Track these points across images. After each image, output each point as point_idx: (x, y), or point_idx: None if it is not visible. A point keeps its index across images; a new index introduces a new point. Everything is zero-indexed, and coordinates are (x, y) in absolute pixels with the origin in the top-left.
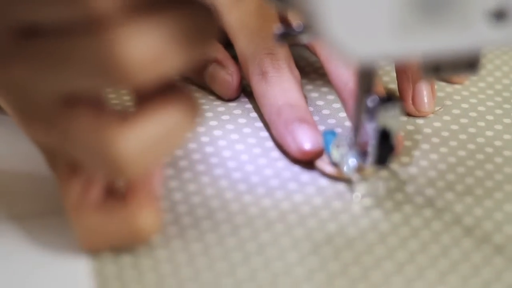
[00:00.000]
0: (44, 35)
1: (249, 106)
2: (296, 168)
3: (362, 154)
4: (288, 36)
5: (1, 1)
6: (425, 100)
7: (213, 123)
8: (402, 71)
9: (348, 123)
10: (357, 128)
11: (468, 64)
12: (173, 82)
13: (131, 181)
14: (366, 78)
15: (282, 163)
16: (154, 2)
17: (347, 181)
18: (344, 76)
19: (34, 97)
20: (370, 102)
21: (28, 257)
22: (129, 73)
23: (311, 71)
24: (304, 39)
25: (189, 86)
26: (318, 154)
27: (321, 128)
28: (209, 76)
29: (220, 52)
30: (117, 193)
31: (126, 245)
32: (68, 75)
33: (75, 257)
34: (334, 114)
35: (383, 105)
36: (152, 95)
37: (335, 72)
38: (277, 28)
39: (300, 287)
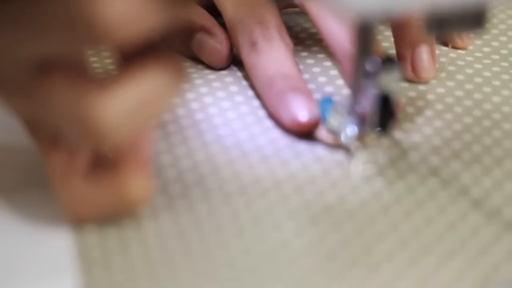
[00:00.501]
0: None
1: (240, 74)
2: (292, 137)
3: (361, 121)
4: None
5: None
6: (425, 65)
7: (203, 90)
8: (400, 35)
9: (346, 91)
10: (355, 93)
11: (474, 19)
12: (156, 44)
13: (118, 148)
14: (363, 37)
15: (277, 131)
16: None
17: (347, 149)
18: (339, 35)
19: (6, 65)
20: (368, 64)
21: (8, 230)
22: (106, 31)
23: (306, 37)
24: None
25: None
26: (315, 124)
27: (318, 96)
28: (196, 45)
29: (207, 19)
30: (104, 160)
31: (113, 216)
32: (41, 37)
33: (57, 229)
34: (331, 81)
35: (382, 67)
36: (133, 58)
37: (329, 31)
38: None
39: (297, 261)
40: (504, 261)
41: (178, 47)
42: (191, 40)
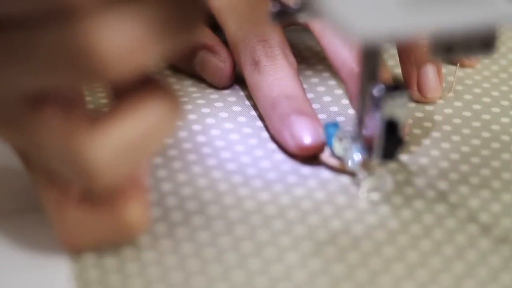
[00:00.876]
0: (7, 27)
1: (243, 93)
2: (296, 160)
3: (368, 147)
4: (284, 14)
5: None
6: (431, 85)
7: (205, 110)
8: (405, 55)
9: (351, 111)
10: (361, 119)
11: (483, 43)
12: (150, 76)
13: (111, 187)
14: (370, 60)
15: (281, 155)
16: None
17: (352, 174)
18: (344, 54)
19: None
20: (375, 91)
21: (5, 258)
22: (103, 66)
23: (310, 55)
24: (302, 17)
25: (177, 73)
26: (319, 148)
27: (323, 116)
28: (199, 63)
29: (209, 37)
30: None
31: (111, 243)
32: (37, 71)
33: (55, 259)
34: (337, 100)
35: (389, 94)
36: (127, 92)
37: (334, 50)
38: (272, 6)
39: None
40: None
41: (180, 65)
42: (194, 58)
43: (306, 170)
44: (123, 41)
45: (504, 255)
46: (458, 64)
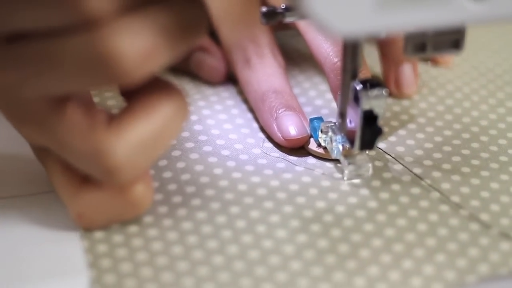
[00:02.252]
0: (32, 37)
1: (235, 89)
2: (285, 148)
3: (349, 137)
4: (273, 15)
5: None
6: (408, 81)
7: (201, 103)
8: (385, 54)
9: (334, 105)
10: (343, 111)
11: (452, 42)
12: (158, 77)
13: (130, 180)
14: (351, 56)
15: (270, 143)
16: (145, 1)
17: (335, 161)
18: (326, 48)
19: (23, 100)
20: (356, 85)
21: (25, 235)
22: (123, 71)
23: (297, 57)
24: (288, 18)
25: (174, 71)
26: (304, 140)
27: (308, 109)
28: (195, 63)
29: (204, 39)
30: None
31: (119, 221)
32: (58, 78)
33: (68, 235)
34: (321, 95)
35: (368, 88)
36: (139, 93)
37: (318, 46)
38: (262, 7)
39: (289, 264)
40: (480, 260)
41: (177, 64)
42: (190, 58)
43: (293, 157)
44: (141, 46)
45: (472, 231)
46: (429, 62)
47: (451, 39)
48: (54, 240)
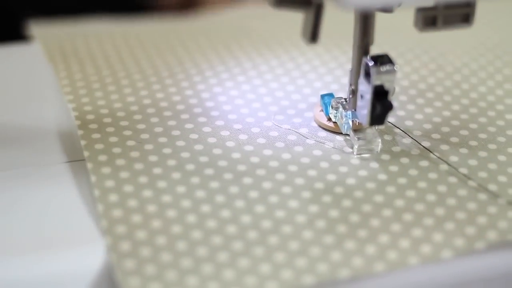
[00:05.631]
0: None
1: (246, 65)
2: (296, 121)
3: (360, 114)
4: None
5: None
6: None
7: (212, 81)
8: None
9: (343, 81)
10: (354, 88)
11: (462, 16)
12: None
13: None
14: (363, 29)
15: (281, 116)
16: None
17: (346, 135)
18: None
19: None
20: (367, 61)
21: (46, 201)
22: None
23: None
24: None
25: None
26: None
27: (318, 84)
28: None
29: None
30: None
31: None
32: None
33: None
34: (330, 72)
35: (380, 64)
36: None
37: None
38: None
39: (301, 233)
40: (488, 228)
41: None
42: None
43: (304, 130)
44: None
45: (481, 201)
46: None
47: (462, 13)
48: (72, 207)
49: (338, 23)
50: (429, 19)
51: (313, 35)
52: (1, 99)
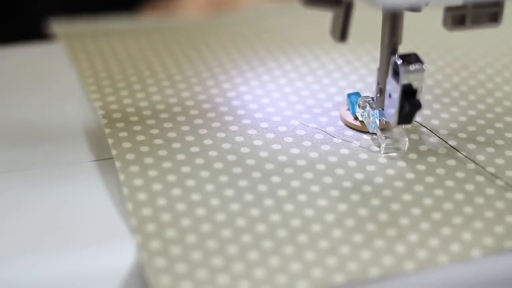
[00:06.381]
0: None
1: (271, 65)
2: (322, 120)
3: (388, 113)
4: None
5: None
6: None
7: (238, 80)
8: None
9: (369, 79)
10: (382, 87)
11: (490, 15)
12: None
13: None
14: (391, 28)
15: (308, 114)
16: None
17: (373, 134)
18: None
19: None
20: (396, 60)
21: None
22: None
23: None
24: None
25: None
26: None
27: (343, 83)
28: None
29: None
30: None
31: None
32: None
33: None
34: (355, 71)
35: (408, 63)
36: None
37: None
38: None
39: (331, 232)
40: None
41: None
42: None
43: (331, 129)
44: None
45: (509, 200)
46: None
47: (490, 12)
48: (101, 206)
49: (361, 22)
50: (457, 18)
51: (342, 34)
52: (26, 99)
